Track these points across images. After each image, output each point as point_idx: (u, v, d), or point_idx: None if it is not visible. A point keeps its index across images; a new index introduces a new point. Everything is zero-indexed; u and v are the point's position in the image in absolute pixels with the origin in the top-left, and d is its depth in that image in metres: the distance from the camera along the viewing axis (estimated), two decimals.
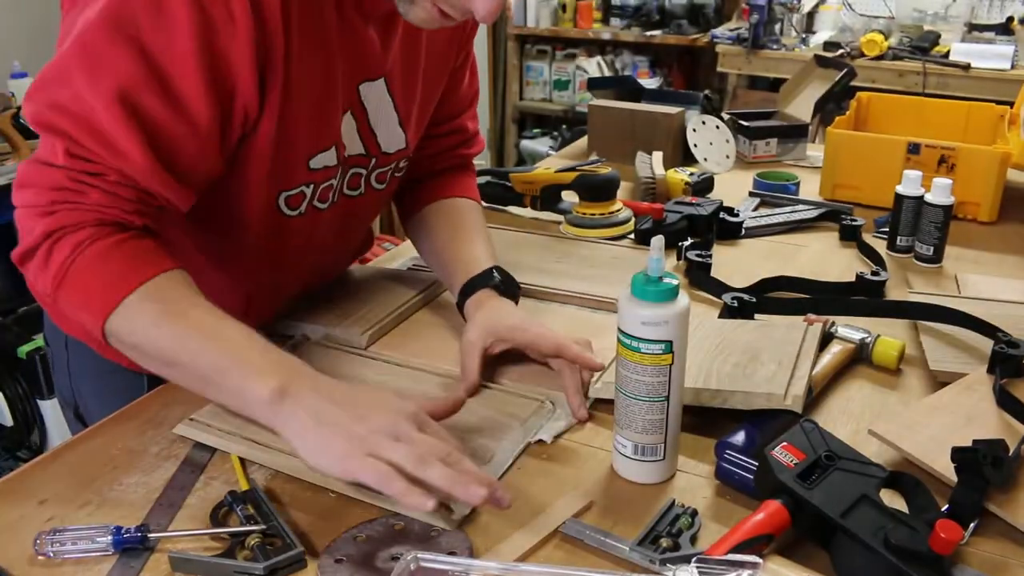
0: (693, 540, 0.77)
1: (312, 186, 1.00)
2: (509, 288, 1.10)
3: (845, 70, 2.00)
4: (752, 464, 0.82)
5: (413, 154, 1.15)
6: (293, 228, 1.02)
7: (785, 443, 0.79)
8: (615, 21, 4.35)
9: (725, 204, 1.51)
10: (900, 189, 1.39)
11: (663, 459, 0.85)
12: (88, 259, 0.83)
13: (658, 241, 0.80)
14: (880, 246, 1.42)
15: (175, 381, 0.90)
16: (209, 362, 0.84)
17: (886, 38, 3.43)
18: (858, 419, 0.97)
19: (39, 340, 2.42)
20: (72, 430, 1.20)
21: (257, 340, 0.85)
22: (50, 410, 2.43)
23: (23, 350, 2.37)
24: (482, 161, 4.56)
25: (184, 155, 0.85)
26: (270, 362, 0.83)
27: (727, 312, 1.14)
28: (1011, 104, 1.77)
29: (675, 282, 0.80)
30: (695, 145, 1.83)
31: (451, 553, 0.75)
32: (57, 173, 0.83)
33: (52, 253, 0.84)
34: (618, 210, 1.48)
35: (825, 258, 1.41)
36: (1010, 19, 3.45)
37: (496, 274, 1.09)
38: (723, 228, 1.47)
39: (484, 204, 1.61)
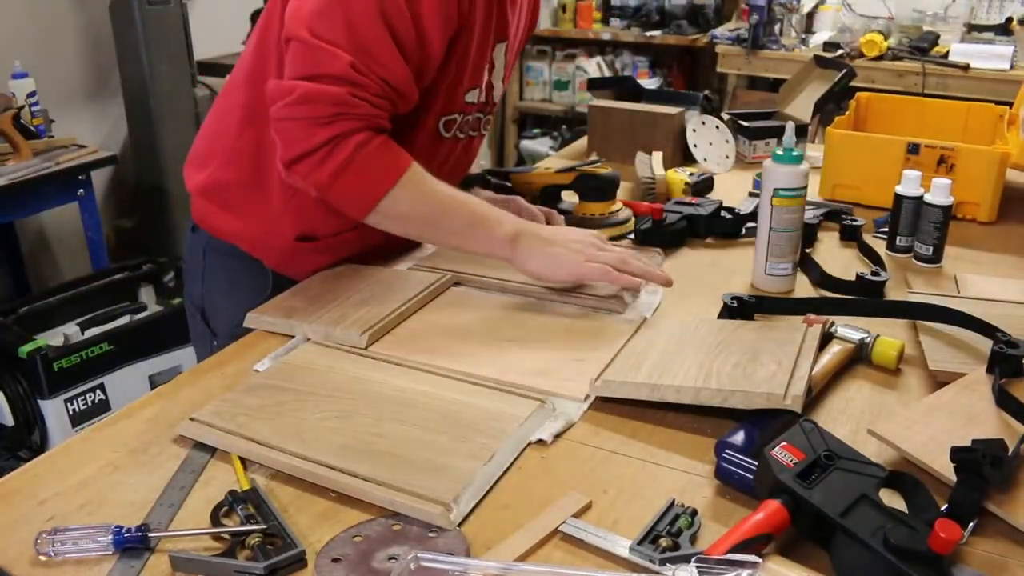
0: (693, 540, 0.77)
1: (462, 116, 1.25)
2: None
3: (845, 70, 2.00)
4: (752, 464, 0.83)
5: None
6: (441, 150, 1.26)
7: (785, 443, 0.79)
8: (615, 22, 4.36)
9: (725, 204, 1.51)
10: (899, 189, 1.39)
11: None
12: (364, 157, 1.07)
13: (790, 128, 1.19)
14: (880, 246, 1.42)
15: (429, 240, 1.28)
16: (462, 221, 1.15)
17: (885, 38, 3.43)
18: (858, 419, 0.97)
19: (40, 340, 2.42)
20: (194, 333, 1.41)
21: (487, 205, 1.17)
22: (51, 410, 2.42)
23: (24, 350, 2.36)
24: (482, 161, 4.56)
25: (417, 72, 1.12)
26: (503, 217, 1.16)
27: (727, 312, 1.15)
28: (1010, 104, 1.78)
29: (801, 152, 1.20)
30: (695, 145, 1.83)
31: (449, 553, 0.75)
32: (337, 91, 1.05)
33: (334, 152, 1.06)
34: (618, 210, 1.48)
35: (825, 258, 1.41)
36: (1009, 19, 3.46)
37: None
38: (723, 228, 1.47)
39: None
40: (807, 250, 1.38)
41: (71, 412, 2.46)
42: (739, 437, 0.87)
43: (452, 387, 1.00)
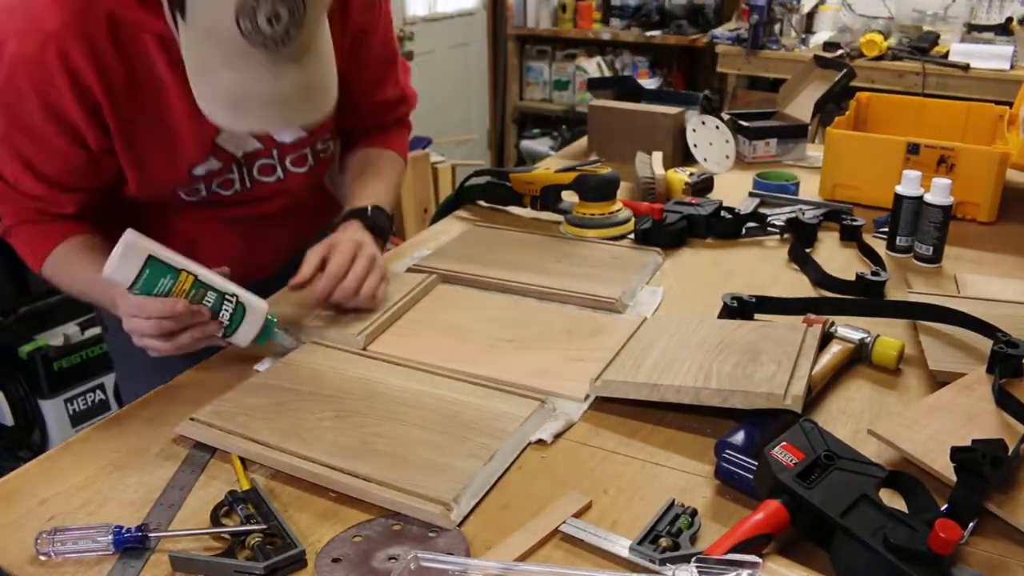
0: (693, 540, 0.77)
1: (204, 186, 1.18)
2: (377, 223, 1.22)
3: (844, 70, 2.00)
4: (752, 464, 0.83)
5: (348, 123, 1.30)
6: (204, 211, 1.21)
7: (785, 443, 0.79)
8: (615, 21, 4.36)
9: (725, 204, 1.51)
10: (899, 189, 1.39)
11: None
12: (23, 237, 1.18)
13: None
14: (880, 246, 1.42)
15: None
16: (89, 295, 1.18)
17: (885, 38, 3.43)
18: (858, 419, 0.97)
19: (40, 340, 2.42)
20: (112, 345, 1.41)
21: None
22: (51, 410, 2.43)
23: (24, 350, 2.37)
24: (482, 161, 4.56)
25: (58, 174, 1.11)
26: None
27: (727, 312, 1.15)
28: (1010, 104, 1.78)
29: None
30: (695, 145, 1.83)
31: (449, 553, 0.75)
32: None
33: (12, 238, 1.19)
34: (618, 210, 1.48)
35: (825, 258, 1.41)
36: (1009, 19, 3.45)
37: (370, 210, 1.23)
38: (723, 228, 1.47)
39: (484, 204, 1.63)
40: (807, 250, 1.38)
41: (71, 412, 2.46)
42: (739, 437, 0.87)
43: (452, 387, 1.00)
